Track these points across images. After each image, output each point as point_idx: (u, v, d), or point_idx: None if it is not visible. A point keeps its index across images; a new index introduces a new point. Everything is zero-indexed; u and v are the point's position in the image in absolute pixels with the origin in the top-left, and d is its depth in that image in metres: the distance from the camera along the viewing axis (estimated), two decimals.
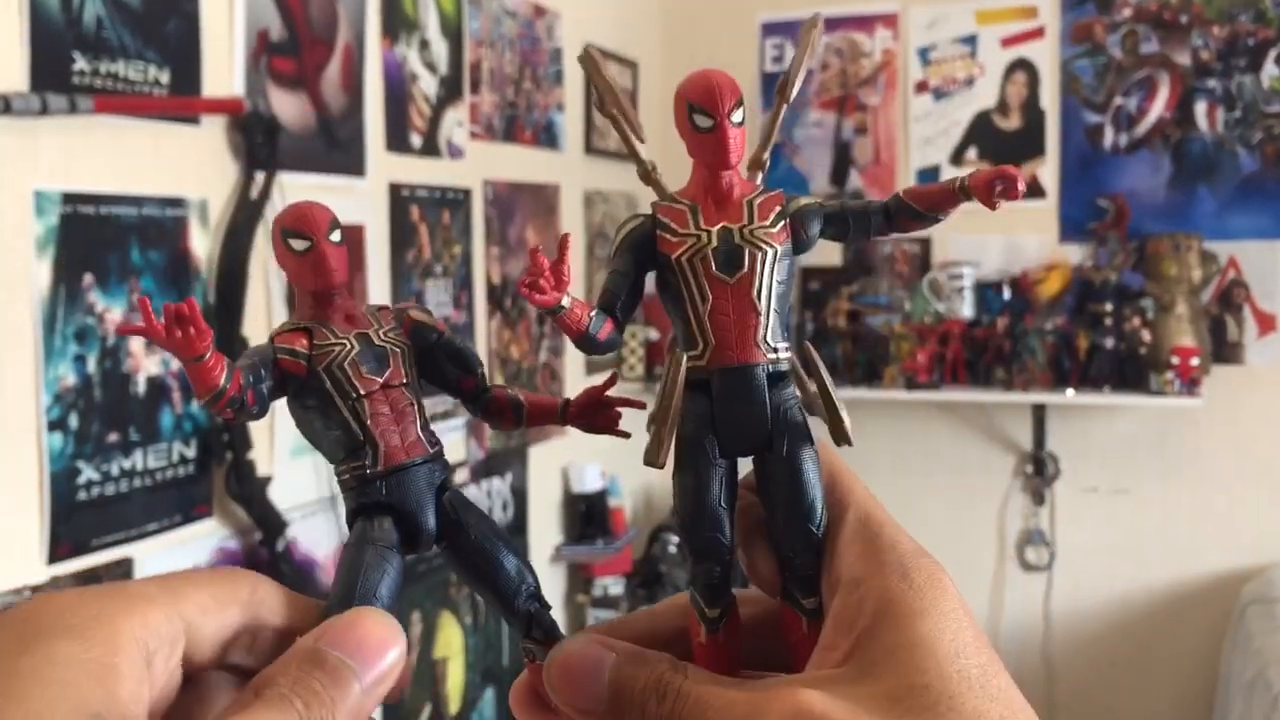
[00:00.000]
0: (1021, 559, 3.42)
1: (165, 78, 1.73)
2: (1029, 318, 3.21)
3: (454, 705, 2.56)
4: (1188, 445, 3.26)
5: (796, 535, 0.41)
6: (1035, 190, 3.35)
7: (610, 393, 0.48)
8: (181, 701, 0.36)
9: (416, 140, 2.39)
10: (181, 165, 1.77)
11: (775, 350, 0.42)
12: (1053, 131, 3.35)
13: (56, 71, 1.54)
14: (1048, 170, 3.35)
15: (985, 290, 3.30)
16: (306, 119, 2.05)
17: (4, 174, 1.49)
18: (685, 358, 0.42)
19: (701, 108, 0.42)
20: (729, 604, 0.42)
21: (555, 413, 0.47)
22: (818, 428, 0.43)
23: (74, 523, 1.57)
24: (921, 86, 3.46)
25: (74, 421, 1.57)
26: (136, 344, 1.67)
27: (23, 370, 1.51)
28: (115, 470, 1.64)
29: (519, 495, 2.83)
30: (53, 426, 1.54)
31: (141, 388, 1.68)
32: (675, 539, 3.24)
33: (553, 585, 3.09)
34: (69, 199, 1.57)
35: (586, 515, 3.08)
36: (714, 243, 0.42)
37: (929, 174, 3.44)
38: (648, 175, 0.47)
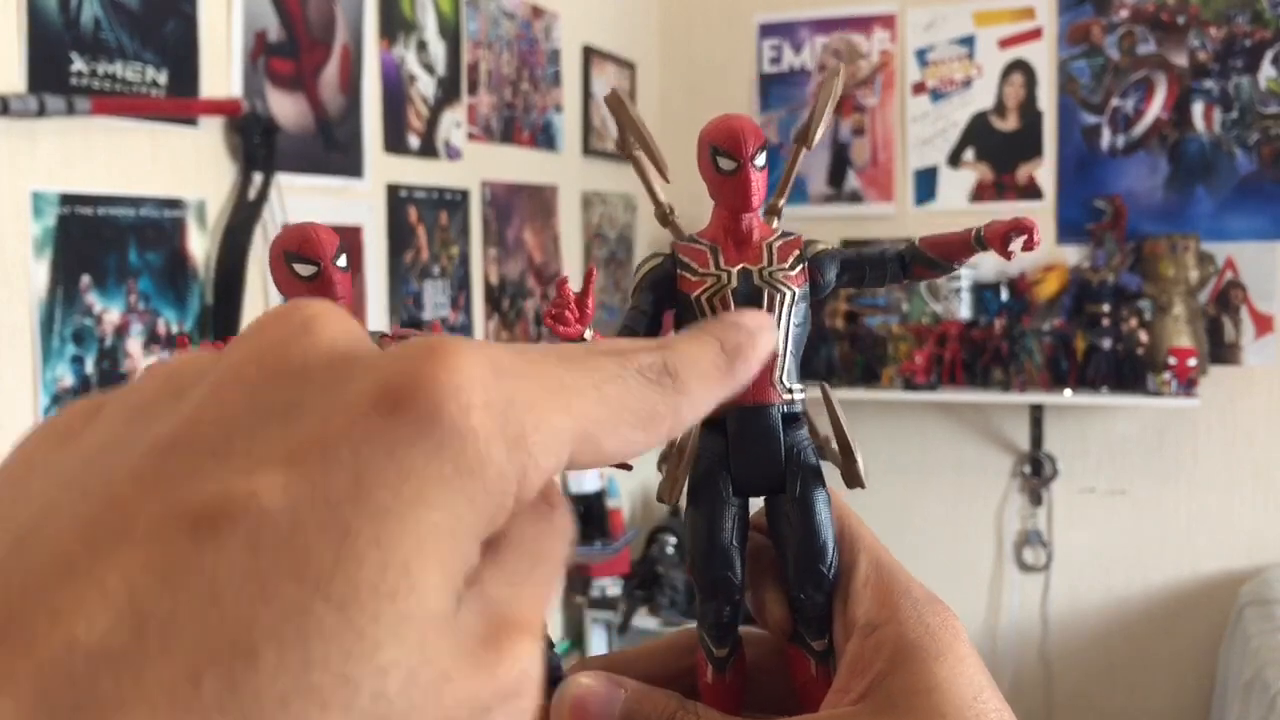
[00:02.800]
0: (1019, 560, 3.42)
1: (163, 79, 1.73)
2: (1026, 319, 3.21)
3: None
4: (1185, 446, 3.26)
5: (808, 576, 0.41)
6: (1032, 191, 3.36)
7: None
8: None
9: (414, 141, 2.39)
10: (179, 166, 1.77)
11: (791, 391, 0.43)
12: (1050, 132, 3.35)
13: (54, 72, 1.54)
14: (1045, 171, 3.36)
15: (983, 291, 3.30)
16: (304, 120, 2.05)
17: (2, 175, 1.49)
18: None
19: (725, 150, 0.43)
20: (736, 644, 0.42)
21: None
22: (828, 470, 0.44)
23: None
24: (919, 88, 3.46)
25: None
26: (134, 345, 1.67)
27: (20, 371, 1.51)
28: None
29: None
30: None
31: None
32: (673, 540, 3.24)
33: None
34: (67, 200, 1.57)
35: (585, 516, 3.08)
36: (734, 283, 0.43)
37: (926, 175, 3.44)
38: (665, 218, 0.47)
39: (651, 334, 0.44)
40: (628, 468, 0.45)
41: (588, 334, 0.42)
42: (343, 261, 0.42)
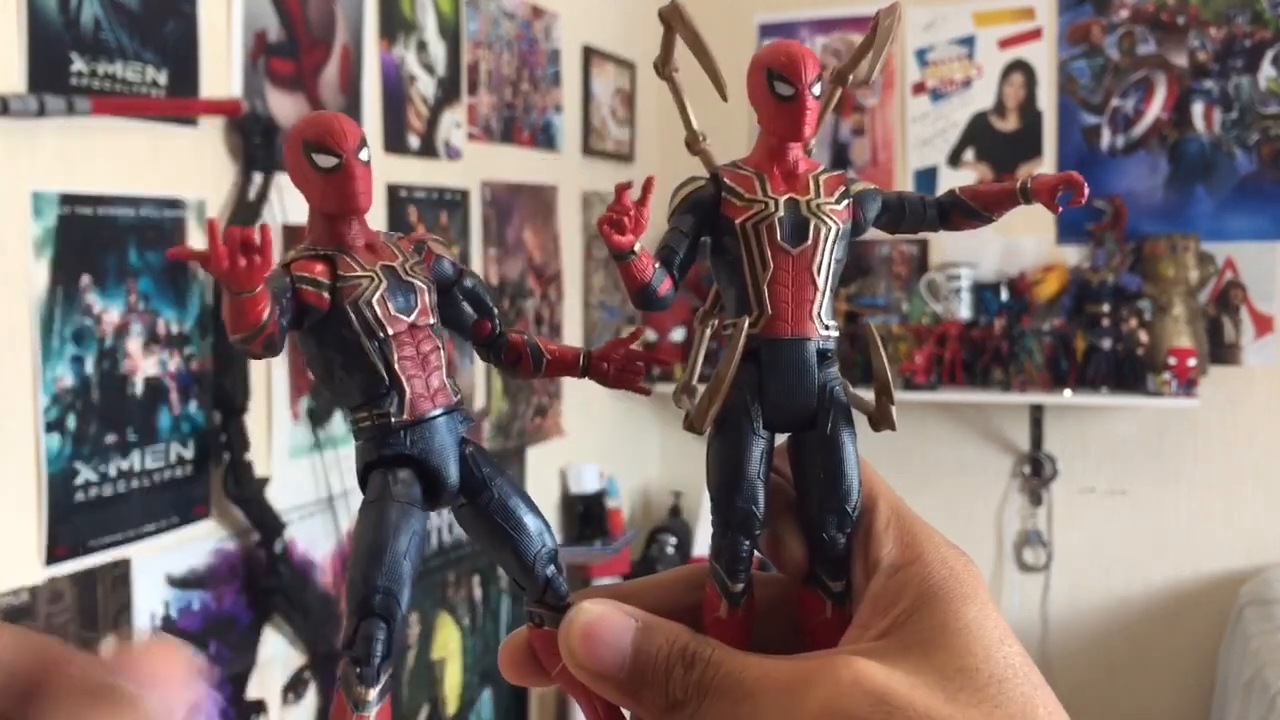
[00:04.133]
0: (1019, 560, 3.42)
1: (163, 79, 1.73)
2: (1026, 319, 3.21)
3: (452, 706, 2.56)
4: (1185, 446, 3.26)
5: (832, 514, 0.41)
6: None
7: (634, 347, 0.45)
8: None
9: (414, 141, 2.39)
10: (179, 166, 1.77)
11: (827, 327, 0.42)
12: (1050, 133, 3.35)
13: (54, 73, 1.54)
14: (1045, 171, 3.35)
15: (983, 291, 3.30)
16: None
17: (2, 175, 1.49)
18: (747, 325, 0.41)
19: (784, 75, 0.42)
20: (750, 581, 0.42)
21: (575, 364, 0.44)
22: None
23: (71, 524, 1.57)
24: (919, 88, 3.46)
25: (72, 422, 1.57)
26: (134, 345, 1.67)
27: (20, 371, 1.51)
28: (113, 471, 1.64)
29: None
30: (50, 427, 1.54)
31: (139, 388, 1.68)
32: (673, 540, 3.24)
33: None
34: (67, 200, 1.57)
35: (584, 516, 3.08)
36: (780, 211, 0.42)
37: (926, 175, 3.44)
38: (695, 144, 0.46)
39: (689, 255, 0.43)
40: (646, 392, 0.45)
41: (636, 246, 0.41)
42: (365, 155, 0.40)
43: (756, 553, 0.42)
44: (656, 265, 0.42)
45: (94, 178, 1.62)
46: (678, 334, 3.37)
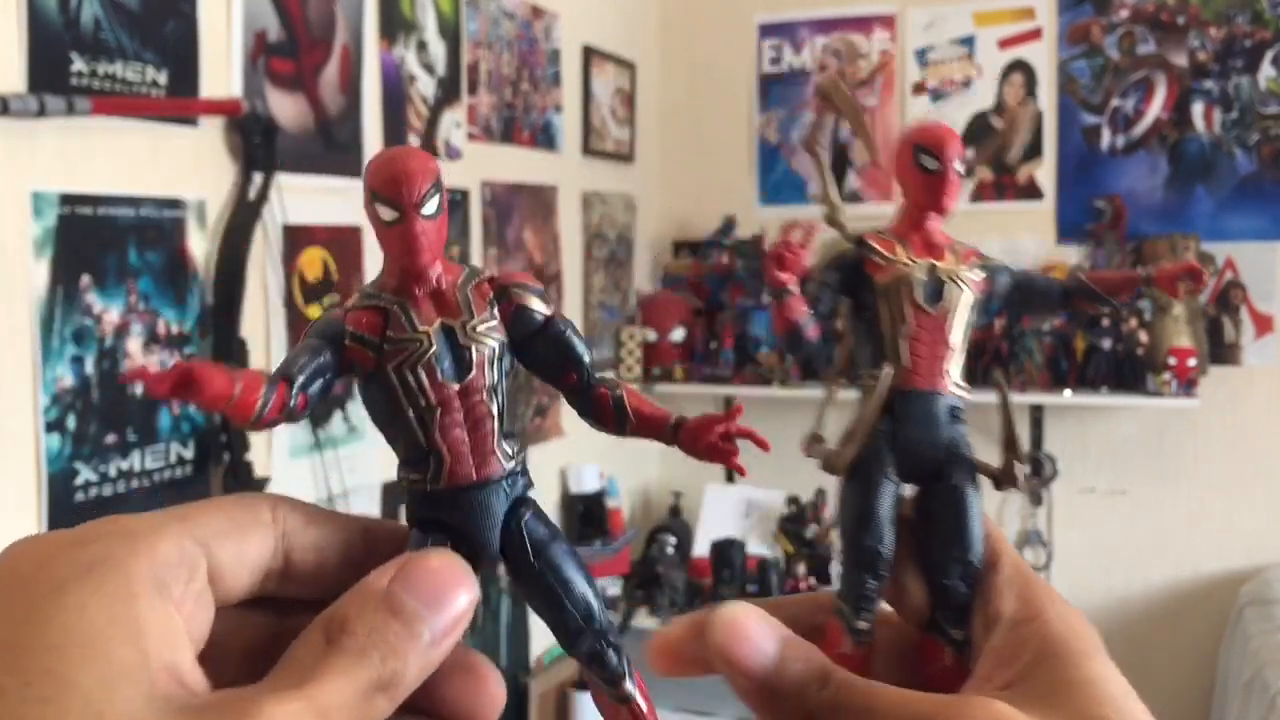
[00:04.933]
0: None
1: (163, 79, 1.73)
2: (1026, 319, 3.21)
3: None
4: (1185, 446, 3.26)
5: (955, 565, 0.43)
6: (1033, 191, 3.36)
7: (733, 425, 0.43)
8: (243, 634, 0.36)
9: (414, 141, 2.39)
10: (179, 166, 1.77)
11: (959, 386, 0.45)
12: (1050, 132, 3.35)
13: (54, 72, 1.54)
14: (1045, 171, 3.36)
15: None
16: (304, 120, 2.05)
17: (2, 175, 1.49)
18: (887, 378, 0.44)
19: (931, 151, 0.45)
20: (873, 621, 0.43)
21: (664, 429, 0.42)
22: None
23: (71, 524, 1.56)
24: (919, 88, 3.46)
25: (72, 422, 1.57)
26: (134, 345, 1.67)
27: (20, 371, 1.51)
28: (113, 471, 1.64)
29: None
30: (50, 428, 1.54)
31: (139, 389, 1.68)
32: (673, 540, 3.24)
33: None
34: (67, 200, 1.57)
35: (584, 516, 3.08)
36: (920, 273, 0.44)
37: None
38: (834, 215, 0.49)
39: (832, 310, 0.45)
40: (741, 471, 0.43)
41: (793, 286, 0.43)
42: (431, 207, 0.37)
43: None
44: (807, 310, 0.45)
45: (94, 178, 1.62)
46: (678, 334, 3.37)
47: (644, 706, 0.42)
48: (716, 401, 3.58)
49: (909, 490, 0.44)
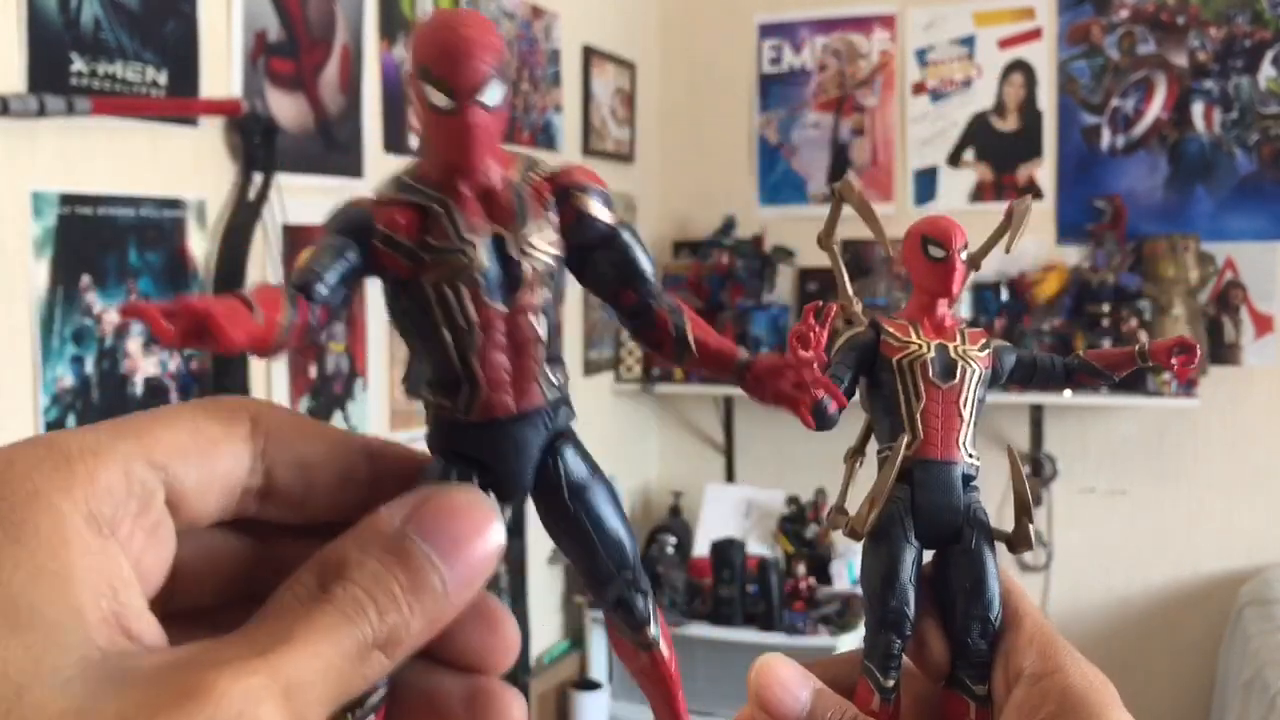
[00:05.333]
0: (1019, 560, 3.42)
1: (163, 79, 1.73)
2: (1026, 319, 3.21)
3: None
4: (1185, 446, 3.26)
5: (975, 622, 0.46)
6: (1032, 191, 3.36)
7: (811, 372, 0.39)
8: (220, 557, 0.32)
9: (415, 141, 2.39)
10: (179, 166, 1.77)
11: (972, 455, 0.48)
12: (1050, 132, 3.35)
13: (54, 73, 1.54)
14: (1045, 171, 3.36)
15: (983, 291, 3.30)
16: (304, 120, 2.05)
17: (2, 175, 1.49)
18: (905, 445, 0.47)
19: (937, 241, 0.49)
20: (899, 680, 0.46)
21: (731, 366, 0.38)
22: None
23: None
24: (919, 88, 3.46)
25: (72, 422, 1.57)
26: (134, 345, 1.67)
27: (21, 371, 1.51)
28: None
29: None
30: (50, 428, 1.54)
31: (139, 388, 1.68)
32: (673, 540, 3.24)
33: (550, 587, 3.09)
34: (67, 200, 1.57)
35: None
36: (932, 353, 0.48)
37: (926, 175, 3.44)
38: (848, 308, 0.52)
39: (851, 389, 0.48)
40: (810, 425, 0.40)
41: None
42: (492, 95, 0.32)
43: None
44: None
45: (94, 178, 1.62)
46: None
47: (666, 653, 0.40)
48: (716, 401, 3.58)
49: (928, 554, 0.48)
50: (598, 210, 0.36)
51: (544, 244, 0.34)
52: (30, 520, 0.26)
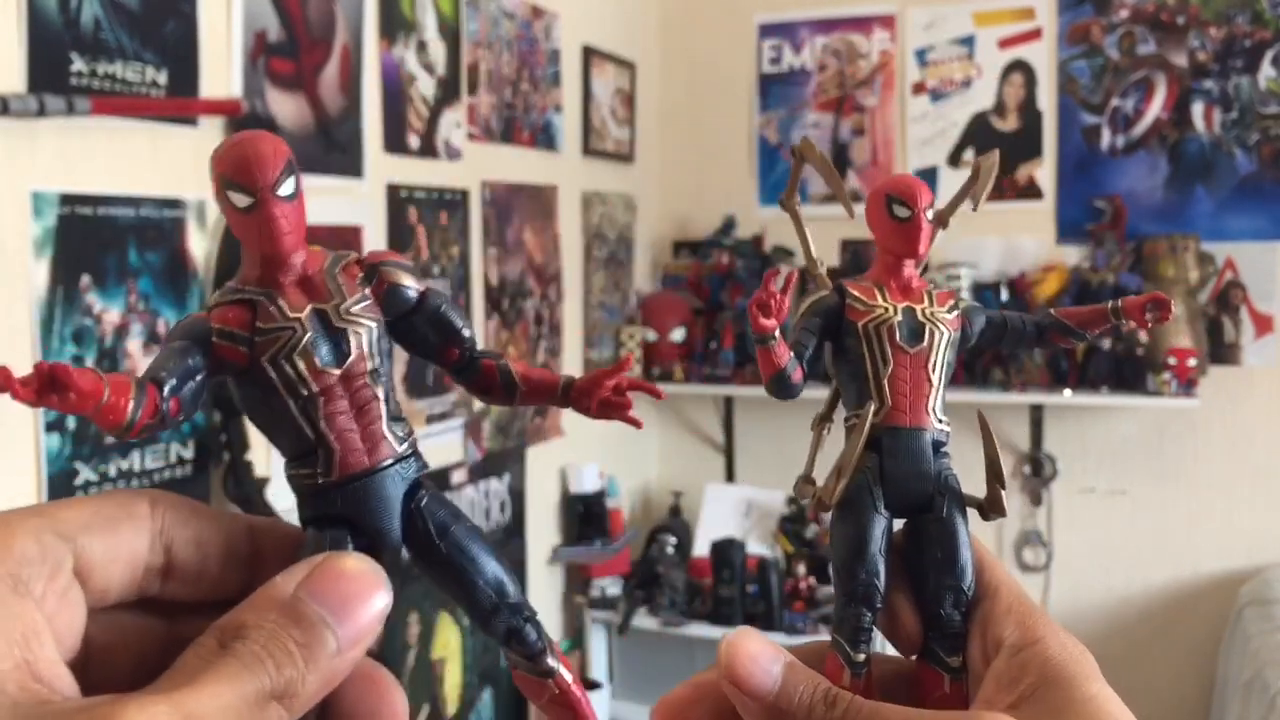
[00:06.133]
0: (1019, 559, 3.42)
1: (163, 79, 1.73)
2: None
3: (451, 706, 2.56)
4: (1185, 446, 3.26)
5: (949, 593, 0.44)
6: (1033, 191, 3.36)
7: (623, 377, 0.43)
8: (135, 640, 0.34)
9: (414, 141, 2.39)
10: (179, 166, 1.77)
11: (942, 421, 0.46)
12: (1050, 132, 3.35)
13: (54, 73, 1.54)
14: (1045, 171, 3.36)
15: (983, 291, 3.30)
16: (304, 120, 2.05)
17: (2, 175, 1.49)
18: (871, 413, 0.45)
19: (902, 199, 0.47)
20: (870, 652, 0.45)
21: (555, 392, 0.42)
22: None
23: None
24: (919, 88, 3.46)
25: (71, 422, 1.57)
26: (134, 345, 1.67)
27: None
28: (113, 471, 1.64)
29: (517, 496, 2.83)
30: (50, 427, 1.54)
31: None
32: (673, 540, 3.24)
33: (550, 586, 3.09)
34: (67, 200, 1.57)
35: (584, 516, 3.08)
36: (899, 316, 0.47)
37: (926, 175, 3.44)
38: (813, 269, 0.51)
39: (816, 353, 0.47)
40: (637, 425, 0.44)
41: (776, 333, 0.44)
42: (287, 189, 0.36)
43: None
44: (791, 355, 0.46)
45: (94, 178, 1.62)
46: (678, 334, 3.37)
47: (569, 679, 0.41)
48: (717, 401, 3.58)
49: (898, 523, 0.46)
50: (406, 280, 0.39)
51: (363, 312, 0.38)
52: None
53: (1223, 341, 3.22)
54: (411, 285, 0.39)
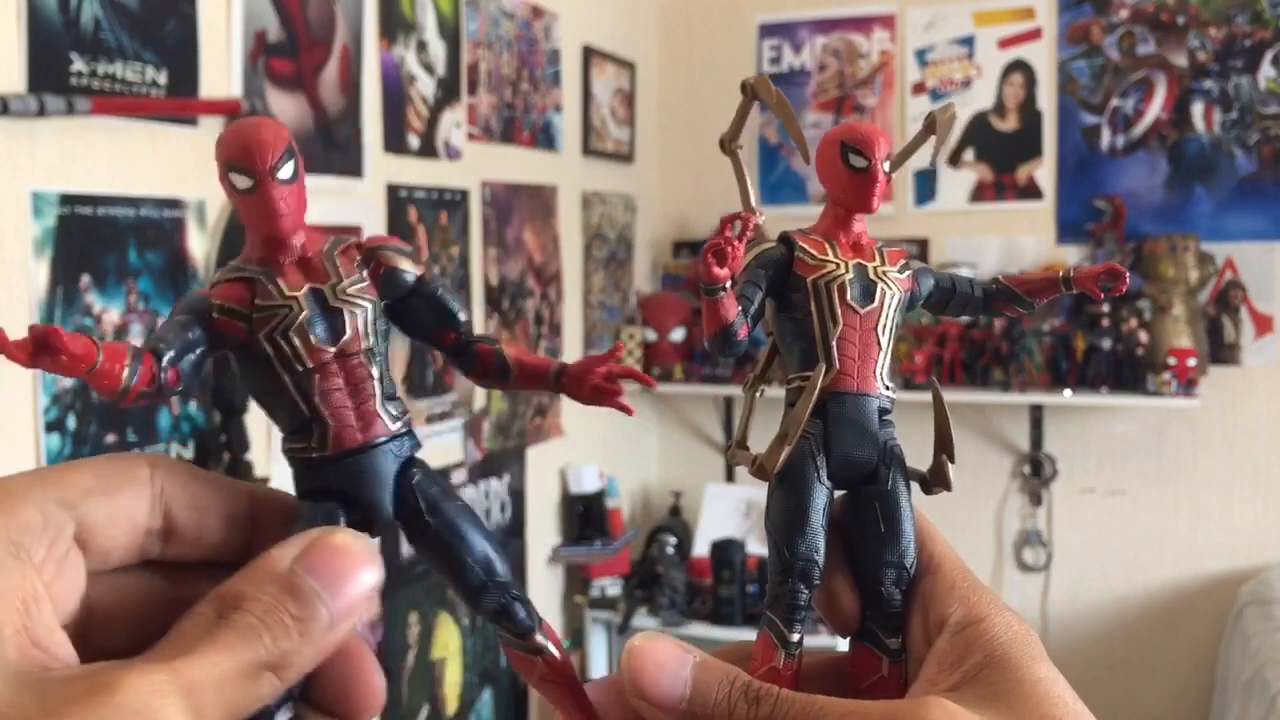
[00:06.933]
0: (1019, 560, 3.42)
1: (163, 79, 1.73)
2: (1026, 319, 3.21)
3: (451, 706, 2.56)
4: (1185, 446, 3.26)
5: (890, 570, 0.42)
6: (1032, 191, 3.36)
7: (614, 364, 0.43)
8: (133, 603, 0.35)
9: (414, 141, 2.39)
10: (179, 166, 1.77)
11: (888, 387, 0.44)
12: (1050, 133, 3.35)
13: (54, 72, 1.54)
14: (1045, 171, 3.36)
15: None
16: (304, 120, 2.05)
17: (2, 175, 1.49)
18: (821, 378, 0.43)
19: (859, 149, 0.44)
20: (804, 633, 0.42)
21: (548, 377, 0.42)
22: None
23: None
24: (919, 88, 3.46)
25: (71, 422, 1.57)
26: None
27: (20, 371, 1.51)
28: None
29: (517, 496, 2.83)
30: (50, 427, 1.54)
31: None
32: (673, 540, 3.24)
33: (550, 586, 3.09)
34: (66, 200, 1.57)
35: (584, 516, 3.08)
36: (850, 274, 0.44)
37: (926, 175, 3.44)
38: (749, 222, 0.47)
39: (760, 309, 0.44)
40: (628, 411, 0.43)
41: (728, 284, 0.42)
42: (286, 172, 0.38)
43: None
44: (739, 309, 0.43)
45: (94, 178, 1.62)
46: (678, 334, 3.37)
47: (558, 655, 0.41)
48: (717, 401, 3.58)
49: (839, 494, 0.43)
50: (404, 264, 0.40)
51: (360, 293, 0.39)
52: None
53: (1223, 341, 3.22)
54: (409, 269, 0.40)
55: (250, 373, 0.39)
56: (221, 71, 1.84)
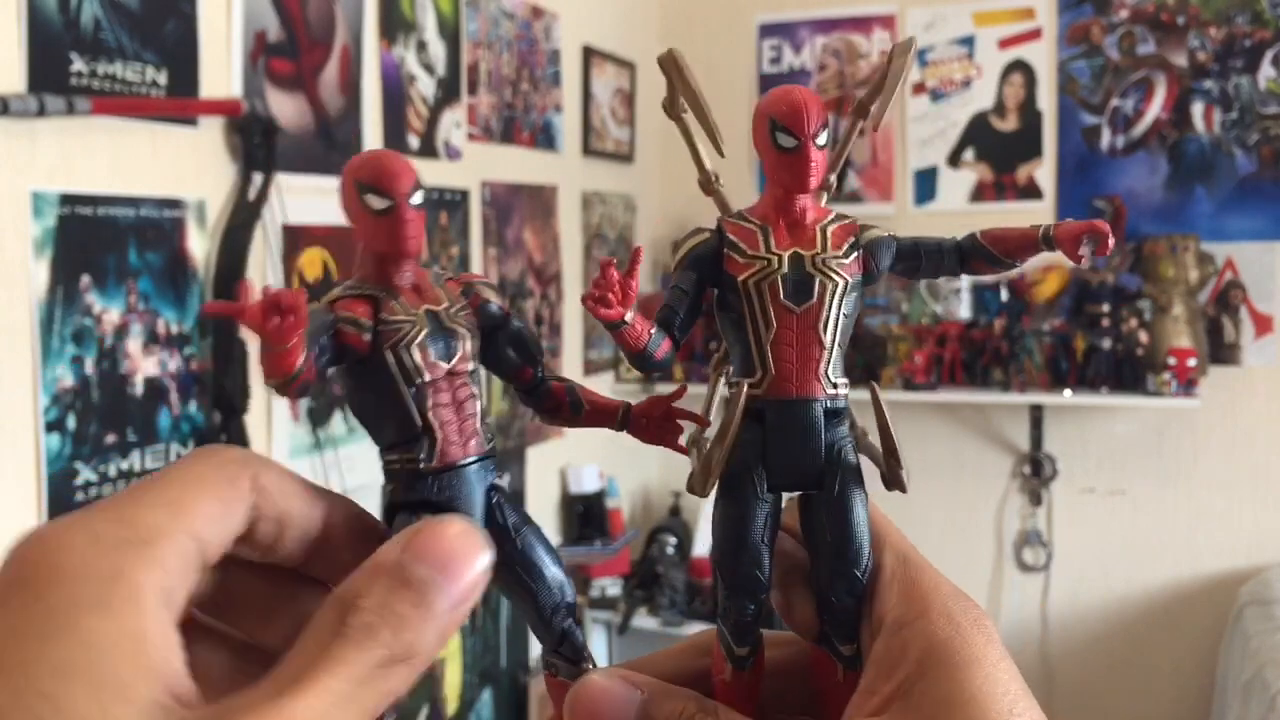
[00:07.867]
0: (1019, 560, 3.42)
1: (163, 79, 1.73)
2: (1026, 319, 3.21)
3: (451, 706, 2.56)
4: (1185, 446, 3.26)
5: (840, 579, 0.40)
6: (1032, 191, 3.36)
7: (674, 405, 0.44)
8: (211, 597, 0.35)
9: (414, 141, 2.39)
10: (179, 166, 1.77)
11: (835, 386, 0.41)
12: (1050, 133, 3.35)
13: (54, 72, 1.54)
14: (1045, 171, 3.36)
15: (983, 291, 3.30)
16: (304, 120, 2.05)
17: (2, 175, 1.49)
18: (747, 386, 0.40)
19: (786, 126, 0.41)
20: (757, 643, 0.41)
21: (614, 417, 0.44)
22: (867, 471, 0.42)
23: None
24: (919, 88, 3.46)
25: (71, 423, 1.57)
26: (134, 345, 1.67)
27: (20, 371, 1.51)
28: (113, 471, 1.64)
29: (516, 496, 2.83)
30: (50, 428, 1.54)
31: (139, 389, 1.68)
32: (673, 540, 3.24)
33: None
34: (66, 200, 1.57)
35: (584, 516, 3.08)
36: (784, 269, 0.41)
37: (926, 175, 3.44)
38: (709, 185, 0.47)
39: (692, 314, 0.42)
40: (684, 451, 0.44)
41: (628, 316, 0.41)
42: (418, 199, 0.40)
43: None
44: (653, 329, 0.42)
45: (94, 178, 1.62)
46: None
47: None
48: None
49: (789, 498, 0.42)
50: (495, 299, 0.42)
51: (466, 320, 0.41)
52: (119, 593, 0.30)
53: (1223, 341, 3.22)
54: (495, 302, 0.42)
55: (365, 385, 0.40)
56: (221, 71, 1.84)
